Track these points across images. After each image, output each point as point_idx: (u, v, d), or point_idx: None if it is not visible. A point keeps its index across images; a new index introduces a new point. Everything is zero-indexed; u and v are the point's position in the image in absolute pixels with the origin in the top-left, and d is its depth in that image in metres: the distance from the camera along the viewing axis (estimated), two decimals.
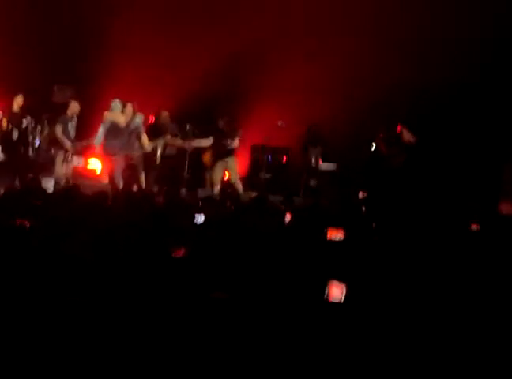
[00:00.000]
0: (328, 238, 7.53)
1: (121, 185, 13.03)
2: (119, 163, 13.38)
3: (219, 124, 14.49)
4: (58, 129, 13.90)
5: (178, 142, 14.69)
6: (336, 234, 7.53)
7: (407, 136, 14.33)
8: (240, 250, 6.40)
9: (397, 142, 14.43)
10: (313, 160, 15.30)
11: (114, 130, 13.36)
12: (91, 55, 15.43)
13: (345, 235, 7.51)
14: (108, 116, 13.47)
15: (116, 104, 13.48)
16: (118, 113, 13.42)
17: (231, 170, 14.37)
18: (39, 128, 14.39)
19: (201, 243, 6.94)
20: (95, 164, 14.70)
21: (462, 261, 6.65)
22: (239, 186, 14.09)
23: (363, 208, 11.44)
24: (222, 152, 14.36)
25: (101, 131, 13.47)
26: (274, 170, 15.25)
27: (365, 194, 13.79)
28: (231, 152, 14.40)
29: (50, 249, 5.90)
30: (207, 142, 14.51)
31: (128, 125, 13.48)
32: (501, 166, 14.19)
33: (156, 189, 13.15)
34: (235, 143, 14.42)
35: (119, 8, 15.61)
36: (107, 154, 13.52)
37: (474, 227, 9.00)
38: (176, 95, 15.06)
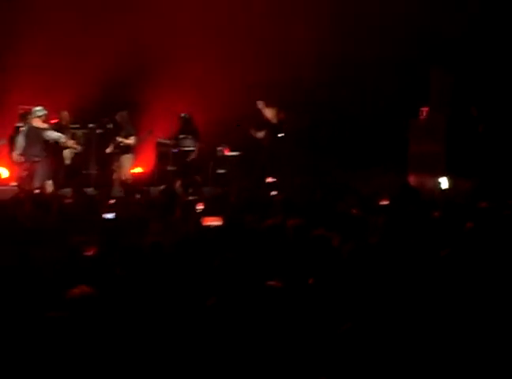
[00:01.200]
0: (204, 224, 7.67)
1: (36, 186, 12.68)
2: (42, 167, 13.06)
3: (116, 118, 14.29)
4: None
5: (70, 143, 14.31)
6: (212, 222, 7.63)
7: (267, 113, 14.56)
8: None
9: (265, 123, 14.64)
10: (218, 148, 15.41)
11: (33, 136, 13.04)
12: None
13: (223, 222, 7.61)
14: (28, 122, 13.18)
15: (36, 111, 13.18)
16: (37, 119, 13.13)
17: (122, 168, 14.20)
18: None
19: (113, 242, 7.02)
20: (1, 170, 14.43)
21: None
22: (119, 187, 13.66)
23: (273, 193, 11.62)
24: (118, 149, 14.25)
25: (21, 138, 13.15)
26: (181, 162, 15.17)
27: (272, 179, 13.96)
28: (125, 150, 14.24)
29: None
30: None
31: (46, 131, 13.17)
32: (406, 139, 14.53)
33: (64, 190, 13.02)
34: (130, 140, 14.18)
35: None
36: (27, 160, 13.13)
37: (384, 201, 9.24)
38: (82, 96, 14.82)
